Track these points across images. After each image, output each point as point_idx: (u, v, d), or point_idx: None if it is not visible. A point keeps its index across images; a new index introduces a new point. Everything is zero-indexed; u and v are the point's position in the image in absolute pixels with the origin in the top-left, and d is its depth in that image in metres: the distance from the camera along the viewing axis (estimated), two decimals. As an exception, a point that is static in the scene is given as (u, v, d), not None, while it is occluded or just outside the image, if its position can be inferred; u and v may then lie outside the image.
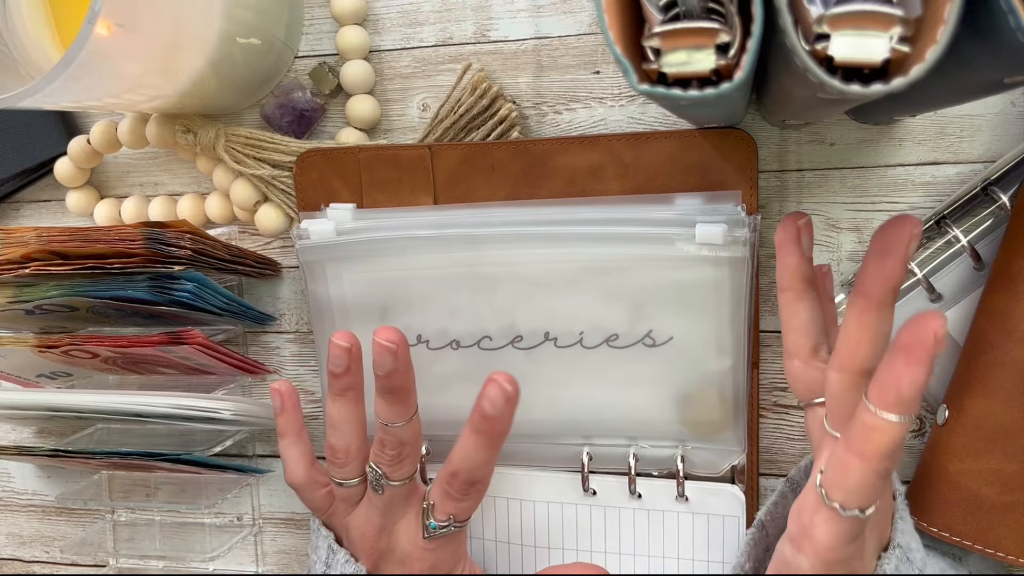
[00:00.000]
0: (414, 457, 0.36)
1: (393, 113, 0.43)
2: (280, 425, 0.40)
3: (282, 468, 0.40)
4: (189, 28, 0.36)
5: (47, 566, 0.53)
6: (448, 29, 0.42)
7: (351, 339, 0.35)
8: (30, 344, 0.41)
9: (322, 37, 0.44)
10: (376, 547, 0.37)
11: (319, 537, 0.39)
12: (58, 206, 0.48)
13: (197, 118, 0.43)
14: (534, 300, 0.38)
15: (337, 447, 0.37)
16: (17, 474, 0.53)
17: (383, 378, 0.34)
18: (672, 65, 0.23)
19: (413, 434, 0.36)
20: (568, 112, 0.41)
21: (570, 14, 0.41)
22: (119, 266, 0.37)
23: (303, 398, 0.47)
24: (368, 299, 0.40)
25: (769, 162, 0.40)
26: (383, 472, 0.36)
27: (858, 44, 0.21)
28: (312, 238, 0.39)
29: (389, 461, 0.36)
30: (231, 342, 0.47)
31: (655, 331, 0.38)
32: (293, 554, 0.49)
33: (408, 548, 0.37)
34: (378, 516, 0.37)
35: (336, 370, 0.35)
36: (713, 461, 0.39)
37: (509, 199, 0.40)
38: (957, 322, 0.37)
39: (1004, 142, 0.37)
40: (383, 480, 0.36)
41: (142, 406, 0.39)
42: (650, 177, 0.38)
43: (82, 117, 0.47)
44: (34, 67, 0.38)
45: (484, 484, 0.35)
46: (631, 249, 0.37)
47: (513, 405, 0.33)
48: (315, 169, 0.42)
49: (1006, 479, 0.34)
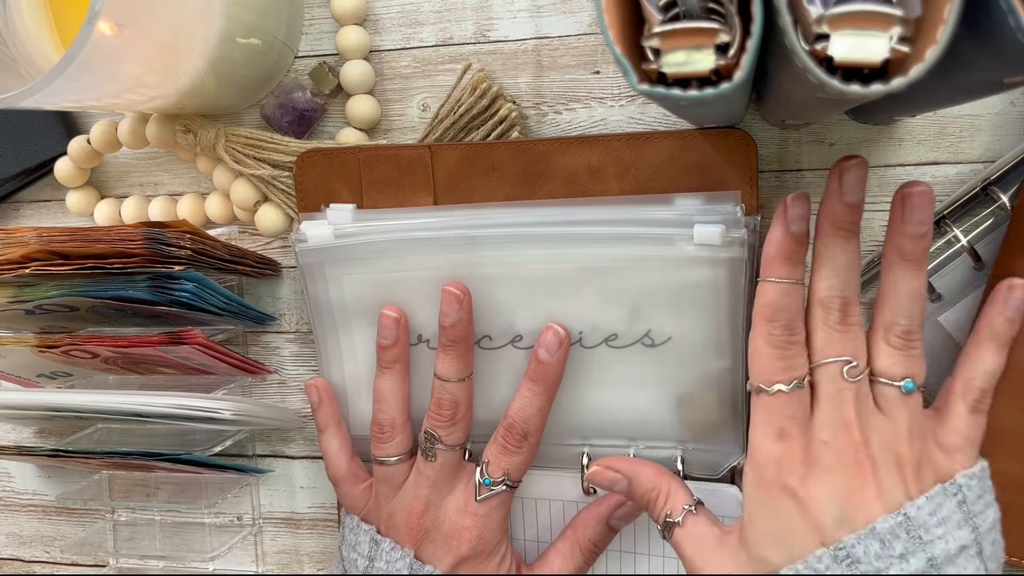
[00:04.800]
0: (466, 422, 0.38)
1: (393, 113, 0.43)
2: (319, 419, 0.41)
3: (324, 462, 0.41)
4: (189, 28, 0.36)
5: (47, 566, 0.53)
6: (448, 29, 0.42)
7: (400, 312, 0.38)
8: (30, 344, 0.41)
9: (322, 37, 0.44)
10: (421, 525, 0.38)
11: (359, 532, 0.40)
12: (58, 206, 0.48)
13: (197, 118, 0.43)
14: (534, 300, 0.38)
15: (383, 421, 0.39)
16: (17, 474, 0.53)
17: (448, 328, 0.37)
18: (672, 65, 0.23)
19: (467, 396, 0.38)
20: (568, 112, 0.41)
21: (570, 14, 0.41)
22: (119, 266, 0.37)
23: (302, 399, 0.47)
24: (368, 301, 0.40)
25: (769, 162, 0.40)
26: (438, 436, 0.37)
27: (858, 44, 0.21)
28: (310, 242, 0.39)
29: (445, 422, 0.37)
30: (231, 342, 0.47)
31: (654, 331, 0.38)
32: (293, 554, 0.49)
33: (455, 520, 0.38)
34: (427, 488, 0.38)
35: (385, 342, 0.38)
36: (713, 463, 0.39)
37: (509, 199, 0.40)
38: (957, 322, 0.37)
39: (1004, 142, 0.37)
40: (437, 445, 0.38)
41: (142, 406, 0.39)
42: (650, 177, 0.38)
43: (82, 117, 0.47)
44: (34, 67, 0.38)
45: (536, 437, 0.38)
46: (630, 249, 0.37)
47: (566, 348, 0.37)
48: (315, 169, 0.42)
49: (1010, 481, 0.33)
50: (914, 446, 0.31)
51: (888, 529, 0.29)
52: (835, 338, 0.31)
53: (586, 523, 0.39)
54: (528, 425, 0.37)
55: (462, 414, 0.38)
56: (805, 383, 0.31)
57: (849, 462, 0.30)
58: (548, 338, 0.37)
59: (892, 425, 0.31)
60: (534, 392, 0.37)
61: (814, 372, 0.31)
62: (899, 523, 0.29)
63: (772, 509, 0.31)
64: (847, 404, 0.31)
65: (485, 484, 0.38)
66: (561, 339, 0.37)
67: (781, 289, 0.31)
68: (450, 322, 0.37)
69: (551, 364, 0.37)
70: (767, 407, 0.31)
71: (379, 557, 0.38)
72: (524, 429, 0.37)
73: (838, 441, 0.30)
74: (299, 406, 0.47)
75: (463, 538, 0.38)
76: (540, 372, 0.37)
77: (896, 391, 0.31)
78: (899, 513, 0.29)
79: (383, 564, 0.38)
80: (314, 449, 0.47)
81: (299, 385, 0.47)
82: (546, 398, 0.37)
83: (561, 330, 0.37)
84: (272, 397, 0.47)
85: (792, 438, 0.31)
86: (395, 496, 0.39)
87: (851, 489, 0.30)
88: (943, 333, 0.37)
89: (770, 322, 0.31)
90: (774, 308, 0.31)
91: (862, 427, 0.30)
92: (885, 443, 0.30)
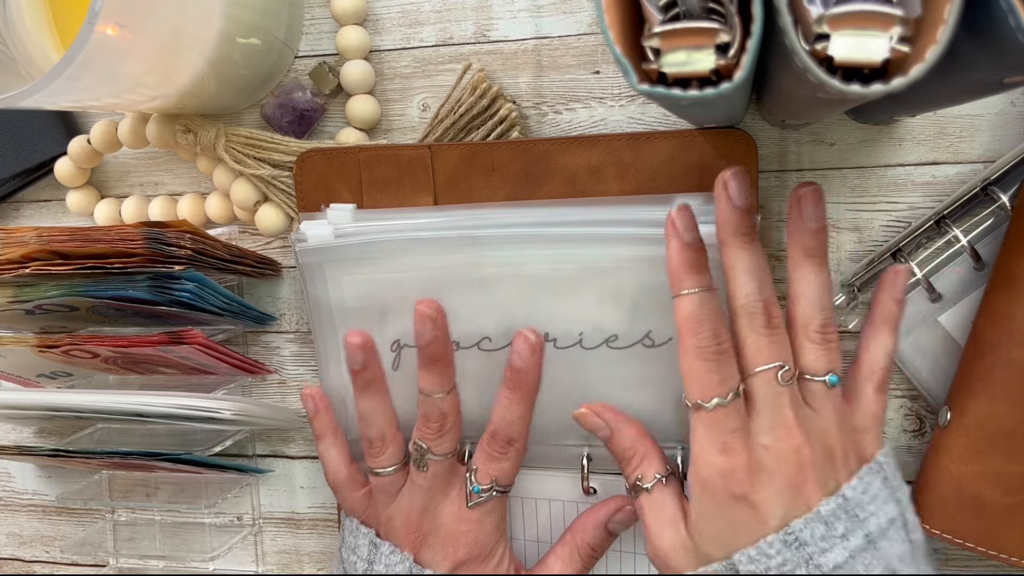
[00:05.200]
0: (455, 431, 0.38)
1: (393, 113, 0.43)
2: (316, 427, 0.41)
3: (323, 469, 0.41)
4: (189, 28, 0.36)
5: (47, 566, 0.53)
6: (448, 29, 0.42)
7: (364, 336, 0.37)
8: (30, 344, 0.41)
9: (322, 37, 0.44)
10: (420, 530, 0.38)
11: (358, 535, 0.40)
12: (58, 206, 0.48)
13: (197, 118, 0.43)
14: (534, 301, 0.38)
15: (373, 437, 0.39)
16: (17, 474, 0.53)
17: (424, 347, 0.36)
18: (672, 65, 0.23)
19: (453, 406, 0.37)
20: (568, 112, 0.41)
21: (570, 14, 0.41)
22: (119, 266, 0.37)
23: (303, 398, 0.47)
24: (368, 301, 0.40)
25: (769, 162, 0.39)
26: (427, 447, 0.37)
27: (858, 44, 0.21)
28: (310, 241, 0.39)
29: (433, 434, 0.37)
30: (231, 342, 0.47)
31: (654, 332, 0.38)
32: (293, 554, 0.49)
33: (451, 525, 0.38)
34: (422, 497, 0.38)
35: (356, 367, 0.38)
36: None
37: (509, 199, 0.40)
38: (957, 322, 0.37)
39: (1004, 142, 0.37)
40: (427, 455, 0.37)
41: (142, 406, 0.39)
42: (650, 177, 0.38)
43: (82, 117, 0.47)
44: (34, 67, 0.38)
45: (521, 443, 0.38)
46: (631, 250, 0.37)
47: (539, 354, 0.37)
48: (315, 169, 0.42)
49: (1009, 481, 0.33)
50: (842, 435, 0.33)
51: (831, 512, 0.31)
52: (764, 344, 0.32)
53: (585, 528, 0.39)
54: (511, 431, 0.37)
55: (450, 425, 0.37)
56: (740, 391, 0.32)
57: (791, 462, 0.31)
58: (519, 345, 0.36)
59: (823, 420, 0.33)
60: (512, 400, 0.37)
61: (749, 380, 0.32)
62: (839, 505, 0.31)
63: (721, 516, 0.32)
64: (785, 408, 0.32)
65: (475, 492, 0.38)
66: (533, 345, 0.36)
67: (697, 299, 0.32)
68: (424, 341, 0.36)
69: (526, 371, 0.36)
70: (707, 423, 0.32)
71: (378, 560, 0.39)
72: (507, 435, 0.37)
73: (779, 444, 0.31)
74: (299, 406, 0.47)
75: (460, 542, 0.38)
76: (516, 380, 0.37)
77: (822, 386, 0.33)
78: (839, 495, 0.32)
79: (382, 567, 0.38)
80: (314, 449, 0.47)
81: (299, 385, 0.47)
82: (525, 404, 0.37)
83: (532, 336, 0.36)
84: (272, 397, 0.47)
85: (735, 451, 0.32)
86: (392, 503, 0.39)
87: (794, 486, 0.31)
88: (943, 333, 0.37)
89: (696, 334, 0.32)
90: (696, 319, 0.32)
91: (800, 427, 0.32)
92: (819, 438, 0.32)
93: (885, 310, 0.35)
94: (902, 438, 0.40)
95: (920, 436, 0.40)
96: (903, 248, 0.38)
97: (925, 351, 0.38)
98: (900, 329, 0.35)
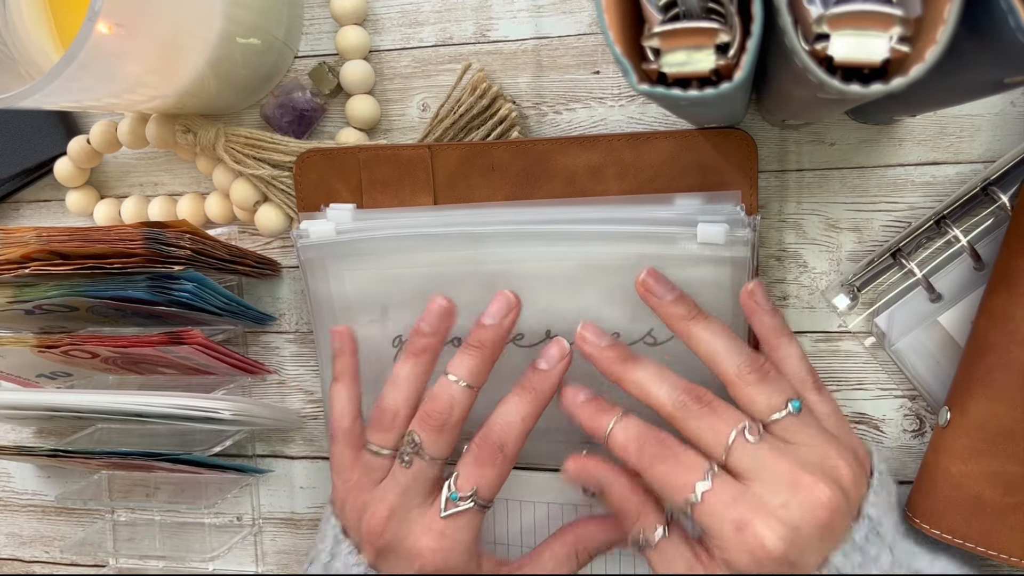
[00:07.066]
0: (454, 435, 0.36)
1: (393, 113, 0.43)
2: (336, 367, 0.39)
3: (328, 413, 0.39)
4: (189, 28, 0.36)
5: (47, 566, 0.53)
6: (448, 29, 0.42)
7: (451, 303, 0.36)
8: (30, 344, 0.41)
9: (322, 37, 0.44)
10: (383, 535, 0.36)
11: (328, 525, 0.38)
12: (58, 206, 0.48)
13: (197, 118, 0.43)
14: (535, 298, 0.38)
15: (387, 407, 0.36)
16: (17, 474, 0.53)
17: (485, 328, 0.36)
18: (672, 65, 0.23)
19: (464, 407, 0.36)
20: (568, 112, 0.41)
21: (570, 14, 0.41)
22: (119, 266, 0.37)
23: (302, 399, 0.47)
24: (370, 296, 0.40)
25: (769, 162, 0.39)
26: (420, 441, 0.35)
27: (858, 44, 0.21)
28: (312, 237, 0.39)
29: (433, 425, 0.35)
30: (231, 342, 0.47)
31: (656, 330, 0.38)
32: (293, 554, 0.49)
33: (418, 537, 0.35)
34: (395, 496, 0.36)
35: (426, 328, 0.36)
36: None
37: (509, 199, 0.40)
38: (957, 323, 0.37)
39: (1004, 142, 0.37)
40: (417, 451, 0.35)
41: (142, 406, 0.39)
42: (650, 177, 0.38)
43: (82, 117, 0.47)
44: (34, 67, 0.38)
45: (512, 450, 0.35)
46: (632, 248, 0.37)
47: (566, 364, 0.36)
48: (315, 169, 0.42)
49: (1009, 481, 0.33)
50: (836, 448, 0.32)
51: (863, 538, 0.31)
52: (710, 422, 0.32)
53: (591, 535, 0.38)
54: (506, 434, 0.35)
55: (453, 423, 0.35)
56: (715, 468, 0.32)
57: (815, 507, 0.31)
58: (552, 351, 0.36)
59: (813, 447, 0.32)
60: (522, 399, 0.36)
61: (727, 460, 0.32)
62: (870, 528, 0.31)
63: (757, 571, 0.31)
64: (776, 461, 0.31)
65: (452, 499, 0.35)
66: (564, 353, 0.36)
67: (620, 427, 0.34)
68: (491, 323, 0.35)
69: (548, 374, 0.36)
70: (705, 512, 0.31)
71: (338, 556, 0.37)
72: (501, 438, 0.35)
73: (794, 498, 0.31)
74: (299, 406, 0.47)
75: (424, 561, 0.35)
76: (535, 380, 0.36)
77: (790, 418, 0.32)
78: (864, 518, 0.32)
79: (340, 565, 0.37)
80: (314, 449, 0.47)
81: (299, 385, 0.47)
82: (533, 408, 0.36)
83: (567, 346, 0.36)
84: (272, 397, 0.47)
85: (752, 524, 0.31)
86: (369, 492, 0.37)
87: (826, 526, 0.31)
88: (943, 333, 0.37)
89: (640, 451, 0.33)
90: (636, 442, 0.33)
91: (802, 468, 0.31)
92: (819, 466, 0.31)
93: (767, 328, 0.35)
94: (902, 438, 0.40)
95: (920, 436, 0.40)
96: (903, 248, 0.38)
97: (925, 351, 0.38)
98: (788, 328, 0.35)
